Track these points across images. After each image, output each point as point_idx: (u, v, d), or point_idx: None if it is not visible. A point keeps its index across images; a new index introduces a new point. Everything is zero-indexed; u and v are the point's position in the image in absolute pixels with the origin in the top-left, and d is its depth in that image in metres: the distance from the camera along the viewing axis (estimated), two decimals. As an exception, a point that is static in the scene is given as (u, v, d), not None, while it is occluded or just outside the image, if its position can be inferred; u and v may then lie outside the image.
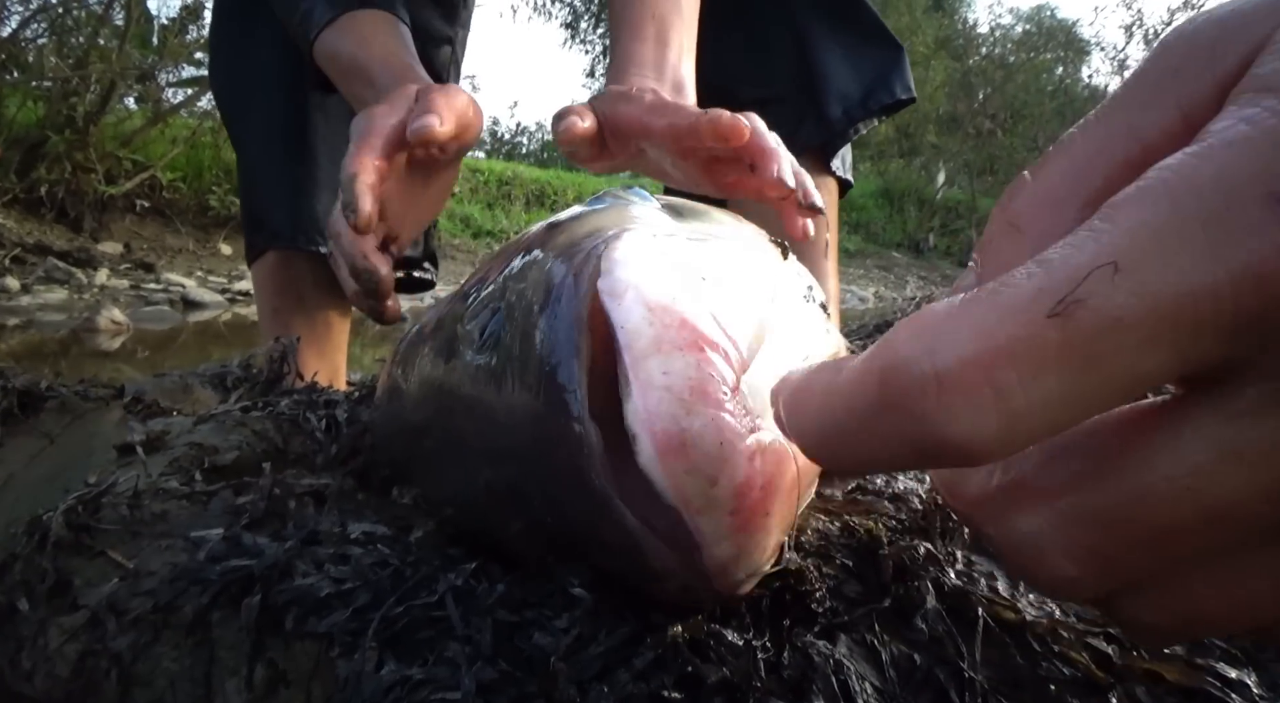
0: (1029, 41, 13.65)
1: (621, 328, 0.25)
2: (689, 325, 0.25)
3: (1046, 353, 0.14)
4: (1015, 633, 0.30)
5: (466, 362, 0.32)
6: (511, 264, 0.33)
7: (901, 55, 1.01)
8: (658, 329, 0.25)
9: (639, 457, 0.25)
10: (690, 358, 0.25)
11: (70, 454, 0.54)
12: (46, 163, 4.48)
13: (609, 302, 0.26)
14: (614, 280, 0.26)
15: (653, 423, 0.24)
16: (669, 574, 0.26)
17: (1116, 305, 0.14)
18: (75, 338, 2.66)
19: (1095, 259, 0.14)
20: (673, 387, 0.24)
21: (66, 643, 0.30)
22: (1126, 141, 0.18)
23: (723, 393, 0.25)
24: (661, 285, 0.26)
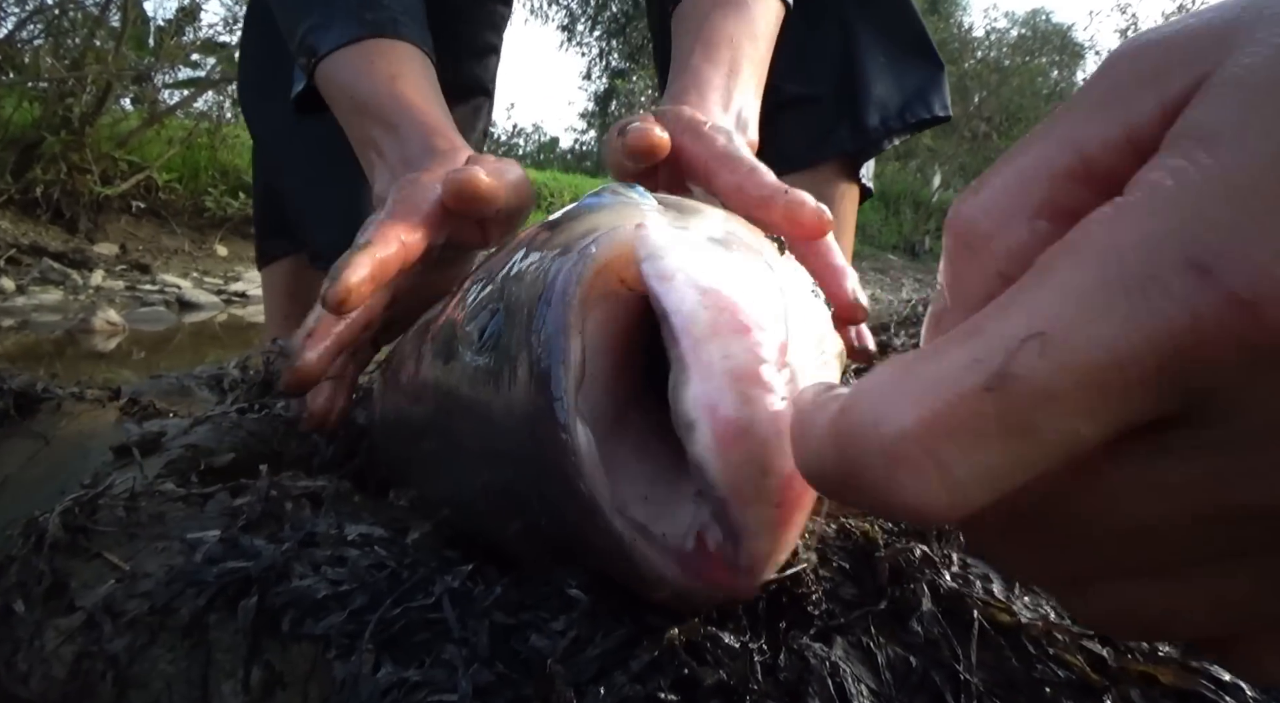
0: (1024, 45, 13.70)
1: (677, 312, 0.24)
2: (740, 310, 0.25)
3: (985, 425, 0.15)
4: (1010, 636, 0.30)
5: (466, 363, 0.32)
6: (511, 263, 0.33)
7: (942, 74, 0.99)
8: (713, 312, 0.24)
9: (694, 444, 0.24)
10: (747, 341, 0.24)
11: (66, 456, 0.54)
12: (42, 164, 4.47)
13: (659, 285, 0.25)
14: (662, 265, 0.26)
15: (715, 409, 0.23)
16: (661, 582, 0.26)
17: (1046, 378, 0.15)
18: (71, 339, 2.65)
19: (1025, 329, 0.15)
20: (733, 371, 0.24)
21: (63, 645, 0.30)
22: (1069, 154, 0.18)
23: (778, 378, 0.24)
24: (708, 269, 0.26)
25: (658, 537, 0.28)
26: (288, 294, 1.04)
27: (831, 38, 0.93)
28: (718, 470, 0.24)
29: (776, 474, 0.24)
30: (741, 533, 0.25)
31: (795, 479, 0.25)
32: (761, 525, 0.25)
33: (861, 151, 0.94)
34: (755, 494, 0.24)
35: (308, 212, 0.97)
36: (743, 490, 0.24)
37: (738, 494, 0.24)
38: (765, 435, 0.24)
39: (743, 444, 0.24)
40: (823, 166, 0.93)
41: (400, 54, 0.63)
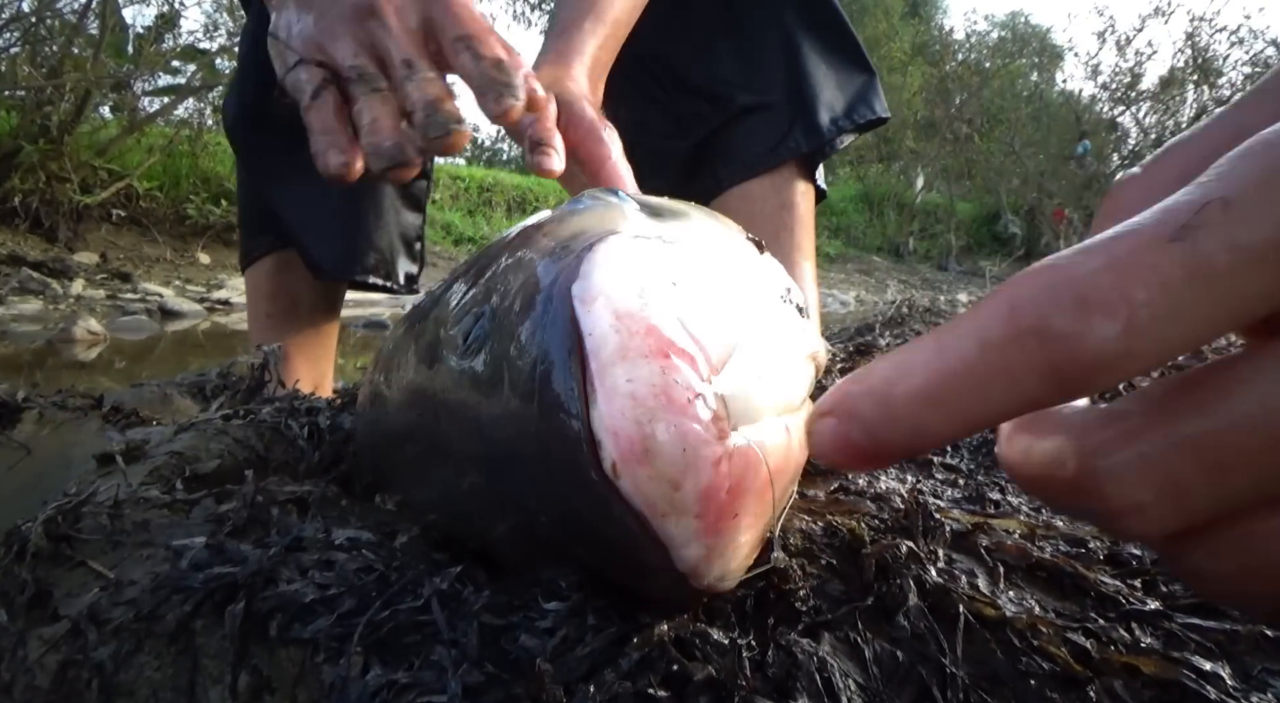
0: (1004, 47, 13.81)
1: (589, 335, 0.26)
2: (655, 332, 0.26)
3: (1171, 271, 0.16)
4: (995, 629, 0.30)
5: (451, 366, 0.32)
6: (495, 267, 0.33)
7: (875, 80, 1.05)
8: (623, 336, 0.25)
9: (604, 462, 0.25)
10: (655, 365, 0.25)
11: (48, 465, 0.54)
12: (20, 173, 4.42)
13: (579, 308, 0.26)
14: (587, 286, 0.27)
15: (616, 429, 0.25)
16: (661, 570, 0.27)
17: (1230, 231, 0.16)
18: (51, 349, 2.62)
19: (1207, 196, 0.16)
20: (636, 394, 0.25)
21: (47, 654, 0.30)
22: (1233, 135, 0.19)
23: (688, 399, 0.25)
24: (631, 292, 0.26)
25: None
26: (271, 294, 1.04)
27: (775, 48, 0.99)
28: (627, 488, 0.25)
29: (690, 488, 0.25)
30: (668, 543, 0.26)
31: (715, 490, 0.25)
32: (686, 536, 0.26)
33: (818, 151, 0.99)
34: (669, 507, 0.25)
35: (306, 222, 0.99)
36: (655, 504, 0.25)
37: (651, 508, 0.25)
38: (670, 454, 0.25)
39: (647, 462, 0.25)
40: (783, 169, 0.98)
41: None
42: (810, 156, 1.00)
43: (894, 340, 0.96)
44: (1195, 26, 10.59)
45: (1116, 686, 0.28)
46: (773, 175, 0.97)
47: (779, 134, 0.97)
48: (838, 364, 0.71)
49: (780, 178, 0.98)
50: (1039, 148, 10.85)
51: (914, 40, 12.97)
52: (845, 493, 0.42)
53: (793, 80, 0.99)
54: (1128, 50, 11.08)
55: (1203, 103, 10.46)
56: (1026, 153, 10.67)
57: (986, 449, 0.56)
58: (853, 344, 0.90)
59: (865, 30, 11.79)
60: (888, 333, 1.10)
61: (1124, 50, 11.02)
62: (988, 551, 0.35)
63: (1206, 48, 10.45)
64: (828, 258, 9.05)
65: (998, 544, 0.36)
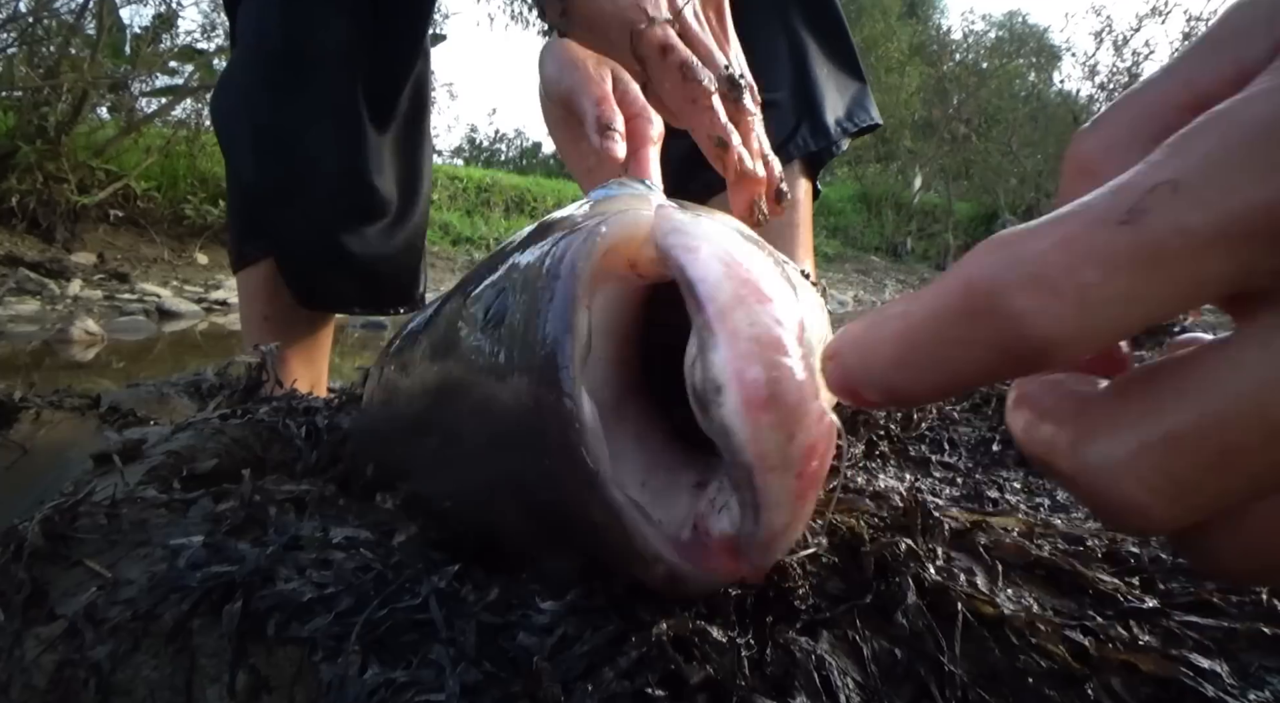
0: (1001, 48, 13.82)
1: (703, 280, 0.25)
2: (759, 283, 0.25)
3: (1119, 253, 0.16)
4: (994, 627, 0.30)
5: (468, 344, 0.31)
6: (516, 250, 0.33)
7: (868, 89, 1.08)
8: (737, 283, 0.25)
9: (720, 408, 0.24)
10: (772, 310, 0.25)
11: (45, 464, 0.54)
12: (17, 173, 4.42)
13: (684, 255, 0.25)
14: (686, 236, 0.26)
15: (743, 373, 0.24)
16: (656, 557, 0.26)
17: (1178, 213, 0.16)
18: (48, 349, 2.62)
19: (1157, 179, 0.16)
20: (760, 338, 0.24)
21: (44, 653, 0.30)
22: (1184, 89, 0.19)
23: (799, 348, 0.25)
24: (729, 245, 0.26)
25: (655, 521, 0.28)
26: (265, 297, 1.04)
27: (781, 45, 1.00)
28: (746, 435, 0.24)
29: (800, 441, 0.24)
30: (763, 502, 0.25)
31: (815, 449, 0.25)
32: (783, 495, 0.25)
33: (824, 150, 1.01)
34: (780, 461, 0.24)
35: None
36: (768, 456, 0.24)
37: (763, 459, 0.24)
38: (792, 401, 0.24)
39: (770, 409, 0.24)
40: (787, 167, 0.99)
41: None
42: (815, 156, 1.00)
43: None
44: (1192, 26, 10.63)
45: (1115, 683, 0.28)
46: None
47: (786, 132, 0.98)
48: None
49: (785, 175, 0.98)
50: (1036, 147, 10.87)
51: (911, 40, 12.97)
52: (844, 491, 0.42)
53: (799, 80, 1.00)
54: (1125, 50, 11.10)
55: (1200, 102, 10.47)
56: (1024, 152, 10.69)
57: (984, 448, 0.56)
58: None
59: (863, 30, 11.81)
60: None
61: (1121, 50, 11.03)
62: (986, 549, 0.35)
63: (1203, 48, 10.44)
64: (825, 258, 9.06)
65: (996, 542, 0.36)
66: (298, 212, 0.99)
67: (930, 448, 0.55)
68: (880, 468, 0.50)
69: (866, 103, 1.05)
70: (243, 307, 1.09)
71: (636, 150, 0.58)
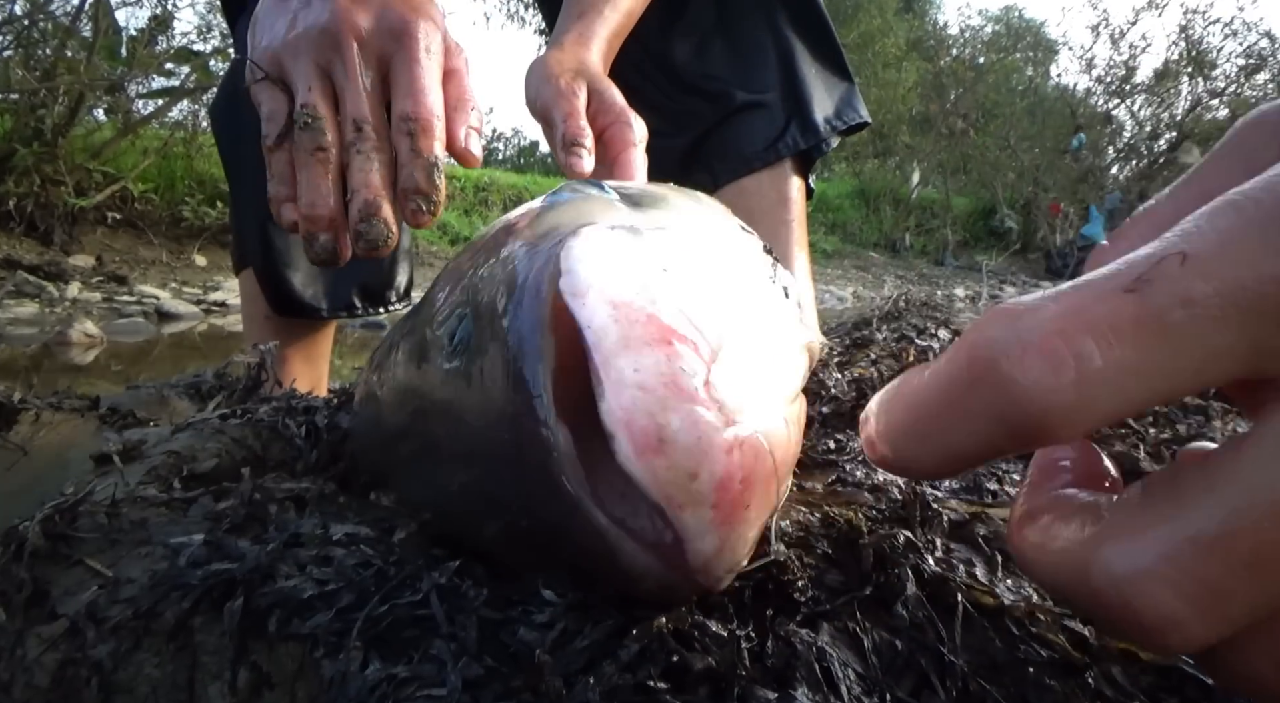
0: (998, 42, 13.81)
1: (588, 327, 0.25)
2: (655, 320, 0.25)
3: (1123, 322, 0.16)
4: (994, 617, 0.30)
5: (438, 367, 0.32)
6: (477, 266, 0.33)
7: (855, 87, 1.08)
8: (624, 326, 0.25)
9: (617, 455, 0.24)
10: (660, 353, 0.25)
11: (46, 465, 0.54)
12: (15, 176, 4.41)
13: (572, 301, 0.26)
14: (575, 279, 0.26)
15: (629, 421, 0.24)
16: (645, 574, 0.27)
17: (1186, 284, 0.15)
18: (48, 352, 2.62)
19: (1167, 250, 0.16)
20: (645, 383, 0.24)
21: (45, 653, 0.30)
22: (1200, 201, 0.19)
23: (695, 386, 0.25)
24: (623, 281, 0.26)
25: (638, 530, 0.28)
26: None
27: (769, 49, 1.02)
28: (644, 480, 0.24)
29: (706, 477, 0.25)
30: (684, 536, 0.25)
31: (729, 479, 0.25)
32: (701, 527, 0.25)
33: (814, 148, 1.02)
34: (687, 498, 0.25)
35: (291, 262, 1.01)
36: (674, 497, 0.25)
37: (669, 501, 0.25)
38: (685, 442, 0.24)
39: (663, 453, 0.24)
40: (779, 165, 1.00)
41: None
42: (805, 155, 1.01)
43: (890, 335, 0.96)
44: (1189, 19, 10.63)
45: (1115, 672, 0.28)
46: (769, 171, 0.99)
47: (776, 131, 0.99)
48: (834, 357, 0.71)
49: (777, 174, 1.00)
50: (1034, 142, 10.85)
51: (908, 36, 12.96)
52: (842, 484, 0.42)
53: (787, 80, 1.01)
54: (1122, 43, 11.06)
55: (1197, 95, 10.49)
56: (1022, 147, 10.68)
57: (984, 441, 0.56)
58: (850, 338, 0.90)
59: (859, 26, 11.80)
60: (884, 328, 1.10)
61: (1118, 43, 10.98)
62: (985, 540, 0.35)
63: (1200, 40, 10.47)
64: (824, 254, 9.05)
65: (995, 533, 0.36)
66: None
67: (929, 441, 0.55)
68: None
69: (855, 101, 1.06)
70: (244, 307, 1.09)
71: (617, 156, 0.58)
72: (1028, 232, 10.63)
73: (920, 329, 0.97)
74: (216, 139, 1.08)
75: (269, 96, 0.51)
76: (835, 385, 0.60)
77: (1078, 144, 10.50)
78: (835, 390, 0.59)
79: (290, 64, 0.51)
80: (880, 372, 0.64)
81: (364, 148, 0.48)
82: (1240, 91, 10.14)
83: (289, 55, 0.51)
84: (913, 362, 0.68)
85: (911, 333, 0.92)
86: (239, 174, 1.04)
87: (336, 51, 0.50)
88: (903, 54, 12.26)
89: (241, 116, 1.01)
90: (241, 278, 1.07)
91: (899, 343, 0.81)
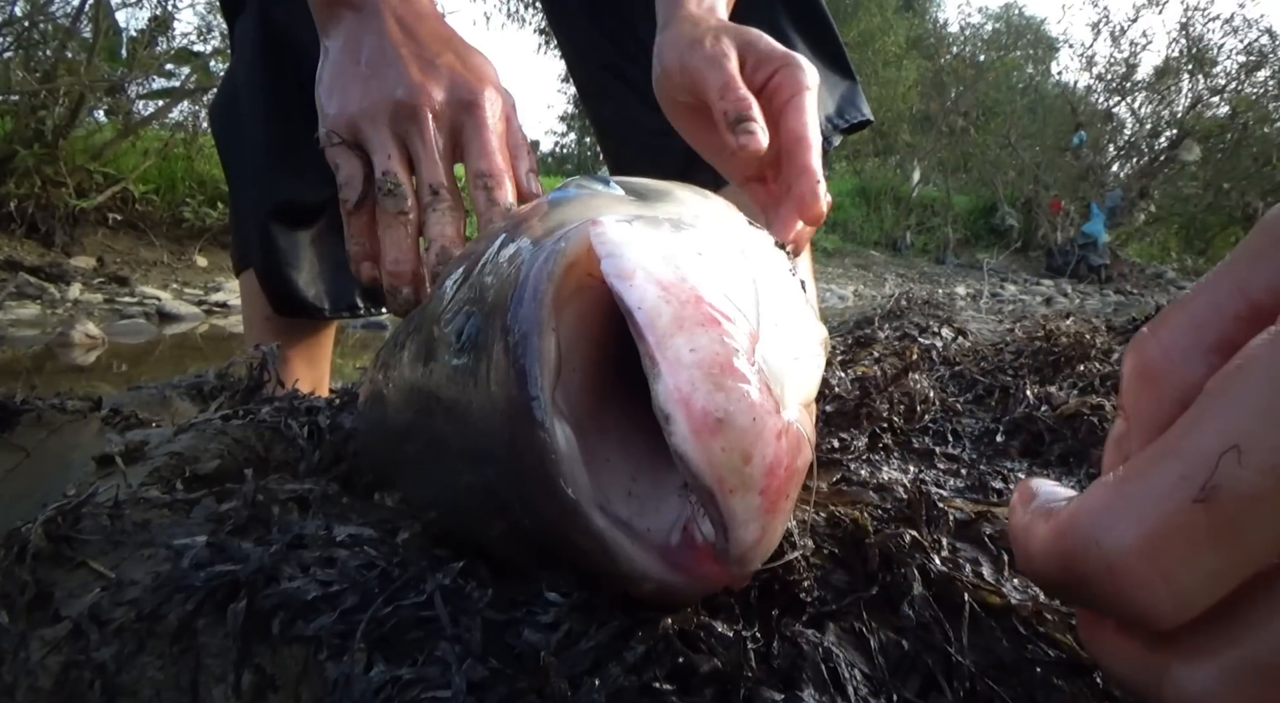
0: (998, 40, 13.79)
1: (639, 309, 0.24)
2: (704, 302, 0.25)
3: (1199, 535, 0.17)
4: (1001, 617, 0.30)
5: (445, 364, 0.31)
6: (484, 262, 0.33)
7: (858, 86, 1.07)
8: (675, 306, 0.24)
9: (672, 437, 0.24)
10: (714, 333, 0.24)
11: (48, 467, 0.54)
12: (15, 178, 4.41)
13: (619, 284, 0.25)
14: (620, 262, 0.25)
15: (689, 401, 0.24)
16: (644, 577, 0.26)
17: (1249, 484, 0.17)
18: (49, 353, 2.62)
19: (1220, 443, 0.17)
20: (702, 363, 0.24)
21: (49, 655, 0.30)
22: (1236, 300, 0.21)
23: (749, 369, 0.24)
24: (669, 263, 0.26)
25: (643, 532, 0.28)
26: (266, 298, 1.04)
27: None
28: (699, 462, 0.24)
29: (758, 461, 0.24)
30: (730, 522, 0.25)
31: (778, 466, 0.25)
32: (749, 513, 0.25)
33: None
34: (739, 483, 0.24)
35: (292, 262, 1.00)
36: (726, 480, 0.24)
37: (721, 484, 0.24)
38: (743, 424, 0.24)
39: (721, 434, 0.24)
40: None
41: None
42: None
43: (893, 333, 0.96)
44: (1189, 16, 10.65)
45: (1123, 672, 0.28)
46: None
47: None
48: (838, 356, 0.71)
49: None
50: (1035, 140, 10.84)
51: (908, 34, 12.95)
52: (847, 483, 0.41)
53: None
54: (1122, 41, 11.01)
55: (1197, 92, 10.47)
56: (1022, 145, 10.67)
57: (988, 439, 0.56)
58: (852, 337, 0.90)
59: (859, 24, 11.78)
60: (887, 326, 1.10)
61: (1118, 41, 10.97)
62: (991, 539, 0.35)
63: (1201, 37, 10.45)
64: (825, 253, 9.04)
65: (1001, 532, 0.36)
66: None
67: (934, 440, 0.55)
68: (884, 460, 0.50)
69: (857, 100, 1.05)
70: (245, 308, 1.09)
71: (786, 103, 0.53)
72: (1029, 229, 10.61)
73: (922, 327, 0.97)
74: (216, 140, 1.08)
75: (346, 160, 0.55)
76: (839, 384, 0.60)
77: (1078, 141, 10.49)
78: (839, 389, 0.59)
79: (369, 132, 0.54)
80: (884, 370, 0.64)
81: (440, 207, 0.53)
82: (1241, 88, 10.14)
83: (367, 123, 0.54)
84: (916, 360, 0.67)
85: (914, 331, 0.92)
86: (240, 175, 1.04)
87: (413, 122, 0.54)
88: (903, 52, 12.25)
89: (241, 118, 1.01)
90: (242, 279, 1.07)
91: (901, 341, 0.81)
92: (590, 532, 0.26)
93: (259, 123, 0.98)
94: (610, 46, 1.02)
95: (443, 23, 0.61)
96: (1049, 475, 0.49)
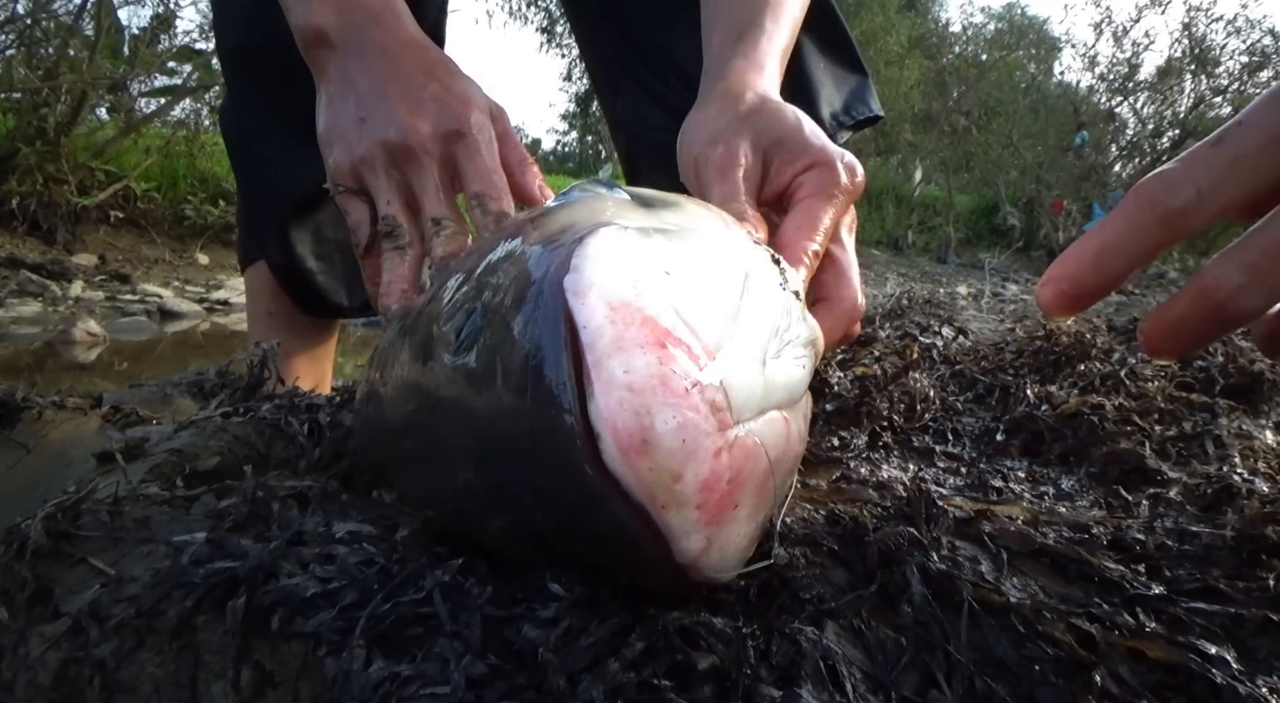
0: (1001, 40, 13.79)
1: (584, 327, 0.25)
2: (651, 322, 0.26)
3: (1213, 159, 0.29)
4: (999, 615, 0.30)
5: (444, 363, 0.31)
6: (487, 262, 0.33)
7: (869, 81, 1.06)
8: (619, 328, 0.25)
9: (604, 455, 0.25)
10: (652, 355, 0.25)
11: (48, 464, 0.54)
12: (18, 175, 4.41)
13: (573, 300, 0.26)
14: (579, 279, 0.26)
15: (614, 421, 0.24)
16: (660, 562, 0.26)
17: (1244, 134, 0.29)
18: (51, 350, 2.62)
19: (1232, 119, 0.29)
20: (634, 385, 0.25)
21: (48, 651, 0.30)
22: None
23: (686, 389, 0.25)
24: (624, 283, 0.26)
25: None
26: (269, 293, 1.04)
27: None
28: (629, 480, 0.25)
29: (690, 479, 0.25)
30: (668, 535, 0.26)
31: (715, 481, 0.25)
32: (686, 527, 0.25)
33: None
34: (671, 499, 0.25)
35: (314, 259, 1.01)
36: (657, 497, 0.25)
37: (653, 501, 0.25)
38: (669, 445, 0.25)
39: (647, 455, 0.24)
40: None
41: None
42: None
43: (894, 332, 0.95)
44: (1192, 16, 10.60)
45: (1122, 670, 0.28)
46: None
47: None
48: (837, 355, 0.71)
49: None
50: (1037, 139, 10.84)
51: (911, 34, 12.95)
52: (847, 481, 0.42)
53: (796, 76, 0.99)
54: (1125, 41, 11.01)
55: (1200, 92, 10.47)
56: (1024, 145, 10.66)
57: (988, 438, 0.56)
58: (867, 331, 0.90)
59: (862, 24, 11.77)
60: (888, 325, 1.10)
61: (1121, 41, 10.96)
62: (991, 537, 0.35)
63: (1203, 37, 10.45)
64: (826, 252, 9.03)
65: (1000, 531, 0.36)
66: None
67: (934, 438, 0.55)
68: (884, 459, 0.50)
69: (866, 95, 1.04)
70: (249, 303, 1.09)
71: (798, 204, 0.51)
72: (1030, 229, 10.61)
73: (923, 326, 0.97)
74: (226, 142, 1.08)
75: (354, 207, 0.58)
76: (838, 383, 0.60)
77: (1080, 141, 10.48)
78: (839, 388, 0.59)
79: (370, 179, 0.57)
80: (884, 369, 0.64)
81: (443, 234, 0.55)
82: (1243, 89, 10.12)
83: (367, 170, 0.57)
84: (916, 359, 0.67)
85: (915, 330, 0.92)
86: (253, 175, 1.04)
87: (409, 162, 0.56)
88: (905, 52, 12.25)
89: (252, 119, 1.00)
90: (247, 274, 1.07)
91: (902, 340, 0.81)
92: (614, 515, 0.25)
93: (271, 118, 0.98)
94: (620, 40, 1.01)
95: (424, 49, 0.61)
96: (1049, 475, 0.49)
